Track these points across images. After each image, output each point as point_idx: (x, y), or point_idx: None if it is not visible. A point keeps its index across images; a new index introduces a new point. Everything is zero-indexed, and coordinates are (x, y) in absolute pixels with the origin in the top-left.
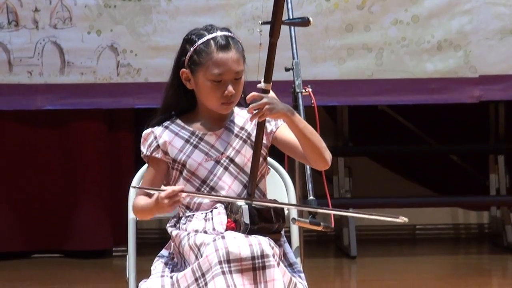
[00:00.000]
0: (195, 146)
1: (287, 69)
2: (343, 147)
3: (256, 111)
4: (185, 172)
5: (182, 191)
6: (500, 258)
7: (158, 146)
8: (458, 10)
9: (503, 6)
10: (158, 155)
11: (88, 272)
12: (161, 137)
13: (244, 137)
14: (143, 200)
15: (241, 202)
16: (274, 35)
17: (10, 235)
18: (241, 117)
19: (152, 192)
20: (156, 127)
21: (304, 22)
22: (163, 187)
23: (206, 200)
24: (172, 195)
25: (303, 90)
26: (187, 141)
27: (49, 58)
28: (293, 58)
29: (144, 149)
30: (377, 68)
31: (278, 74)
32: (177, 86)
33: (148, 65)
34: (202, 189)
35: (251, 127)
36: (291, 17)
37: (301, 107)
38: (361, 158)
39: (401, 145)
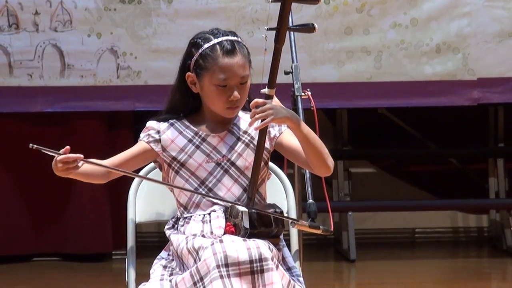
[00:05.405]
0: (197, 147)
1: (286, 73)
2: (342, 150)
3: (259, 115)
4: (183, 171)
5: (80, 159)
6: (499, 261)
7: (159, 141)
8: (457, 13)
9: (501, 9)
10: (157, 148)
11: (87, 276)
12: (164, 133)
13: (246, 141)
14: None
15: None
16: (279, 40)
17: (9, 239)
18: (245, 121)
19: (50, 154)
20: (162, 122)
21: (309, 28)
22: (61, 152)
23: (204, 200)
24: (66, 161)
25: (303, 94)
26: (190, 140)
27: (49, 61)
28: (293, 61)
29: (142, 135)
30: (376, 71)
31: (278, 77)
32: (184, 89)
33: (148, 68)
34: (201, 190)
35: (255, 132)
36: (291, 21)
37: (300, 111)
38: (360, 161)
39: (400, 148)
